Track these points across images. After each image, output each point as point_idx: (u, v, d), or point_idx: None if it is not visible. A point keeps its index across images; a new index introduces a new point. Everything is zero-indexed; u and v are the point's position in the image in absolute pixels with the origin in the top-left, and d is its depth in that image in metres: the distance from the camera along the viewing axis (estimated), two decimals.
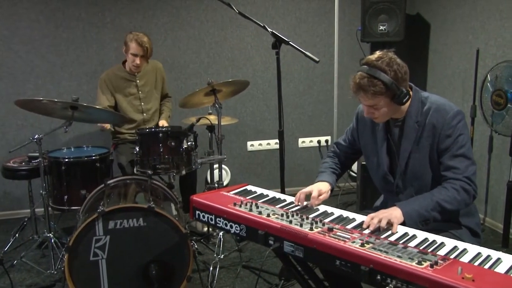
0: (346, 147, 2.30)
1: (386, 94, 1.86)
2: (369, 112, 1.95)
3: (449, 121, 1.89)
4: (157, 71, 3.67)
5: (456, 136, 1.89)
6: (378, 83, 1.83)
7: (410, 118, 1.97)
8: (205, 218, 2.04)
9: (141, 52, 3.38)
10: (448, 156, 1.91)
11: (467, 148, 1.91)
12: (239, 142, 4.58)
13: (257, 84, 4.48)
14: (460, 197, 1.87)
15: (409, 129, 1.98)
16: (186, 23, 4.25)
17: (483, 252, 1.55)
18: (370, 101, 1.89)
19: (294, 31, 4.48)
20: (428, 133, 1.93)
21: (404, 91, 1.87)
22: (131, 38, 3.36)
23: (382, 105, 1.89)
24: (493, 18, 3.58)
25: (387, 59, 1.86)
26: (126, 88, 3.51)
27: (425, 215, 1.83)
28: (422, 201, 1.87)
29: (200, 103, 3.43)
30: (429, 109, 1.94)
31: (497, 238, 3.43)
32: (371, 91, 1.84)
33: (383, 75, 1.83)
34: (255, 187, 2.29)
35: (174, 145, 2.90)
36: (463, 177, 1.88)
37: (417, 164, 1.98)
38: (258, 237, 1.78)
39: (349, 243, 1.57)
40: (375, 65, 1.85)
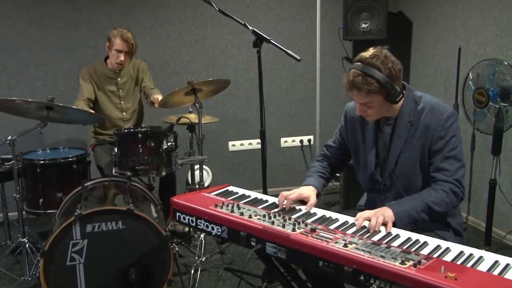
0: (336, 148, 2.29)
1: (380, 93, 1.85)
2: (362, 110, 1.94)
3: (443, 123, 1.90)
4: (139, 71, 3.65)
5: (449, 138, 1.91)
6: (372, 81, 1.82)
7: (403, 117, 1.97)
8: (186, 220, 2.03)
9: (126, 48, 3.35)
10: (439, 158, 1.92)
11: (458, 150, 1.93)
12: (221, 142, 4.57)
13: (239, 83, 4.47)
14: (448, 199, 1.89)
15: (401, 129, 1.98)
16: (165, 21, 4.23)
17: (465, 250, 1.58)
18: (363, 99, 1.88)
19: (275, 29, 4.48)
20: (421, 134, 1.94)
21: (398, 90, 1.87)
22: (115, 34, 3.33)
23: (375, 104, 1.89)
24: (474, 17, 3.64)
25: (382, 56, 1.85)
26: (106, 85, 3.48)
27: (415, 216, 1.85)
28: (411, 202, 1.88)
29: (180, 102, 3.40)
30: (423, 109, 1.95)
31: (480, 237, 3.49)
32: (365, 89, 1.83)
33: (378, 73, 1.82)
34: (236, 187, 2.29)
35: (154, 145, 2.89)
36: (452, 179, 1.90)
37: (407, 164, 1.99)
38: (240, 238, 1.78)
39: (332, 244, 1.58)
40: (370, 63, 1.84)
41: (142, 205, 2.69)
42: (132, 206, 2.44)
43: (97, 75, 3.46)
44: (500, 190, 3.39)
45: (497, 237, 3.48)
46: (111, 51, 3.39)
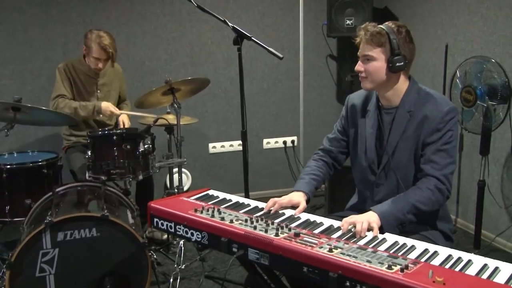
0: (337, 140, 2.29)
1: (385, 49, 1.97)
2: (361, 64, 2.03)
3: (442, 115, 1.96)
4: (117, 75, 3.63)
5: (445, 131, 1.96)
6: (383, 32, 1.96)
7: (403, 106, 2.03)
8: (164, 225, 2.03)
9: (104, 57, 3.31)
10: (431, 149, 1.97)
11: (452, 146, 1.97)
12: (200, 144, 4.56)
13: (219, 82, 4.47)
14: (434, 197, 1.92)
15: (400, 118, 2.04)
16: (141, 17, 4.20)
17: (454, 254, 1.60)
18: (368, 47, 1.99)
19: (257, 25, 4.49)
20: (419, 124, 2.00)
21: (401, 57, 1.96)
22: (93, 40, 3.25)
23: (375, 59, 1.98)
24: (462, 12, 3.71)
25: (400, 24, 2.02)
26: (85, 84, 3.44)
27: (402, 218, 1.88)
28: (397, 204, 1.91)
29: (158, 102, 3.39)
30: (424, 101, 2.01)
31: (469, 239, 3.54)
32: (373, 37, 1.96)
33: (391, 32, 1.97)
34: (217, 191, 2.29)
35: (130, 148, 2.87)
36: (440, 174, 1.94)
37: (403, 154, 2.04)
38: (221, 244, 1.78)
39: (317, 249, 1.58)
40: (387, 23, 2.01)
41: (117, 211, 2.67)
42: (107, 212, 2.41)
43: (76, 72, 3.41)
44: (489, 191, 3.45)
45: (486, 239, 3.54)
46: (88, 57, 3.34)
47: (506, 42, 3.31)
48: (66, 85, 3.37)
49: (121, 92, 3.71)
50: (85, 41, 3.32)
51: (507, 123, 3.15)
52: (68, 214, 2.40)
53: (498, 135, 3.38)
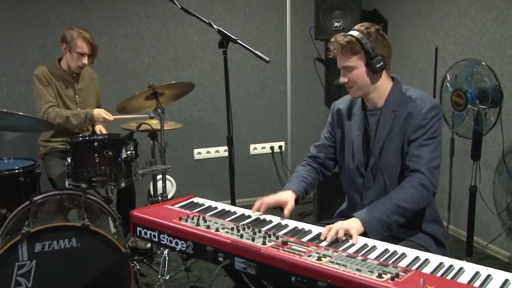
0: (324, 146, 2.32)
1: (360, 55, 2.00)
2: (343, 76, 2.07)
3: (426, 112, 2.00)
4: (93, 80, 3.63)
5: (428, 127, 2.00)
6: (354, 40, 1.99)
7: (388, 106, 2.08)
8: (147, 235, 2.01)
9: (89, 51, 3.31)
10: (415, 145, 2.00)
11: (436, 142, 2.01)
12: (185, 150, 4.55)
13: (204, 86, 4.47)
14: (418, 194, 1.94)
15: (385, 118, 2.08)
16: (123, 18, 4.19)
17: (445, 262, 1.61)
18: (345, 59, 2.03)
19: (243, 28, 4.50)
20: (403, 122, 2.04)
21: (379, 57, 1.99)
22: (75, 35, 3.26)
23: (355, 68, 2.02)
24: (451, 15, 3.75)
25: (368, 25, 2.05)
26: (63, 89, 3.41)
27: (386, 220, 1.89)
28: (380, 206, 1.92)
29: (141, 107, 3.38)
30: (408, 99, 2.06)
31: (461, 247, 3.57)
32: (348, 48, 2.00)
33: (362, 36, 1.99)
34: (202, 199, 2.28)
35: (112, 154, 2.85)
36: (424, 168, 1.96)
37: (389, 154, 2.07)
38: (207, 254, 1.77)
39: (305, 257, 1.58)
40: (355, 28, 2.05)
41: (98, 220, 2.65)
42: (88, 221, 2.39)
43: (53, 77, 3.38)
44: (481, 197, 3.48)
45: (478, 246, 3.57)
46: (71, 53, 3.31)
47: (496, 45, 3.36)
48: (49, 92, 3.35)
49: (97, 98, 3.69)
50: (64, 39, 3.31)
51: (498, 127, 3.19)
52: (46, 224, 2.38)
53: (490, 139, 3.42)
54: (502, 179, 3.41)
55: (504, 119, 3.22)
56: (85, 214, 2.50)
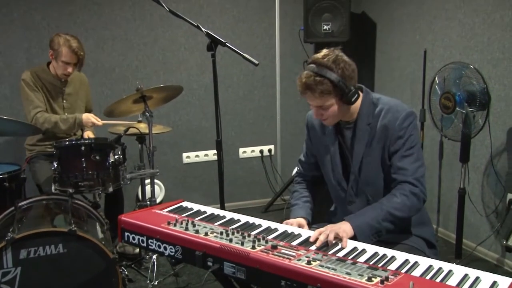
0: (307, 163, 2.36)
1: (334, 93, 1.95)
2: (318, 113, 2.03)
3: (401, 122, 2.00)
4: (83, 84, 3.60)
5: (407, 137, 2.00)
6: (325, 81, 1.92)
7: (362, 120, 2.06)
8: (135, 240, 2.01)
9: (74, 60, 3.28)
10: (397, 157, 2.01)
11: (417, 149, 2.02)
12: (174, 153, 4.54)
13: (192, 89, 4.46)
14: (410, 202, 1.96)
15: (361, 132, 2.07)
16: (110, 21, 4.18)
17: (434, 264, 1.62)
18: (317, 101, 1.97)
19: (231, 31, 4.51)
20: (380, 135, 2.03)
21: (353, 90, 1.96)
22: (61, 43, 3.22)
23: (330, 105, 1.98)
24: (439, 18, 3.79)
25: (333, 56, 1.95)
26: (51, 94, 3.39)
27: (377, 226, 1.90)
28: (371, 212, 1.94)
29: (129, 111, 3.37)
30: (381, 111, 2.04)
31: (450, 249, 3.59)
32: (319, 90, 1.93)
33: (330, 73, 1.92)
34: (191, 203, 2.29)
35: (99, 159, 2.84)
36: (412, 178, 1.98)
37: (370, 168, 2.07)
38: (196, 258, 1.77)
39: (295, 261, 1.59)
40: (321, 63, 1.94)
41: (86, 225, 2.63)
42: (75, 227, 2.38)
43: (42, 81, 3.36)
44: (470, 199, 3.52)
45: (467, 249, 3.60)
46: (56, 61, 3.29)
47: (483, 48, 3.40)
48: (38, 97, 3.33)
49: (87, 102, 3.67)
50: (51, 45, 3.28)
51: (486, 129, 3.22)
52: (32, 230, 2.35)
53: (478, 142, 3.46)
54: (491, 181, 3.45)
55: (492, 121, 3.26)
56: (72, 219, 2.48)
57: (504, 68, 3.26)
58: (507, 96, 3.26)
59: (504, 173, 3.33)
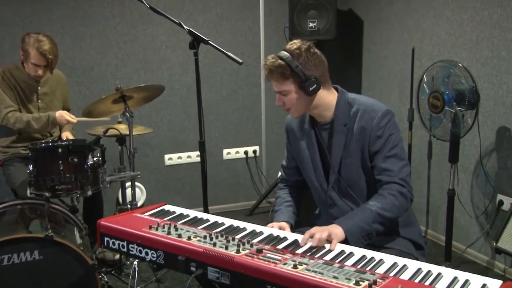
0: (289, 168, 2.38)
1: (292, 79, 2.00)
2: (279, 100, 2.08)
3: (378, 121, 2.02)
4: (60, 82, 3.56)
5: (387, 136, 2.02)
6: (284, 65, 1.99)
7: (338, 121, 2.09)
8: (115, 245, 2.00)
9: (43, 63, 3.23)
10: (380, 158, 2.03)
11: (399, 148, 2.04)
12: (155, 155, 4.52)
13: (174, 89, 4.45)
14: (398, 202, 1.98)
15: (337, 134, 2.09)
16: (88, 18, 4.14)
17: (423, 267, 1.64)
18: (276, 84, 2.04)
19: (215, 29, 4.51)
20: (358, 136, 2.05)
21: (312, 78, 1.99)
22: (31, 44, 3.17)
23: (289, 91, 2.03)
24: (428, 16, 3.83)
25: (298, 44, 2.03)
26: (25, 93, 3.35)
27: (367, 229, 1.92)
28: (361, 214, 1.95)
29: (108, 111, 3.34)
30: (357, 111, 2.06)
31: (440, 251, 3.63)
32: (276, 72, 2.00)
33: (290, 59, 1.98)
34: (174, 206, 2.28)
35: (77, 161, 2.81)
36: (398, 179, 2.00)
37: (350, 171, 2.09)
38: (178, 263, 1.76)
39: (280, 265, 1.59)
40: (285, 49, 2.03)
41: (63, 231, 2.61)
42: (51, 232, 2.36)
43: (15, 79, 3.32)
44: (459, 200, 3.55)
45: (457, 251, 3.64)
46: (27, 63, 3.25)
47: (472, 46, 3.44)
48: (10, 95, 3.28)
49: (65, 101, 3.64)
50: (22, 45, 3.24)
51: (475, 129, 3.26)
52: (5, 236, 2.32)
53: (467, 142, 3.50)
54: (480, 182, 3.49)
55: (481, 121, 3.30)
56: (48, 224, 2.46)
57: (493, 66, 3.30)
58: (496, 95, 3.30)
59: (494, 173, 3.38)
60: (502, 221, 3.14)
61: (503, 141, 3.30)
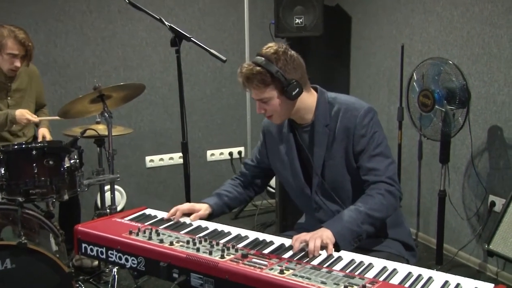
0: (253, 166, 2.41)
1: (273, 85, 2.00)
2: (261, 108, 2.08)
3: (360, 120, 2.03)
4: (33, 77, 3.53)
5: (371, 134, 2.04)
6: (263, 71, 1.97)
7: (319, 122, 2.10)
8: (93, 252, 1.99)
9: (22, 52, 3.21)
10: (366, 158, 2.04)
11: (384, 146, 2.06)
12: (136, 157, 4.50)
13: (155, 88, 4.44)
14: (387, 201, 1.99)
15: (319, 135, 2.10)
16: (63, 13, 4.11)
17: (414, 271, 1.65)
18: (256, 92, 2.03)
19: (197, 25, 4.50)
20: (342, 137, 2.07)
21: (294, 82, 1.99)
22: (6, 35, 3.15)
23: (270, 98, 2.02)
24: (417, 11, 3.87)
25: (275, 47, 2.02)
26: None
27: (357, 230, 1.92)
28: (349, 216, 1.95)
29: (86, 111, 3.32)
30: (338, 110, 2.08)
31: (431, 255, 3.66)
32: (256, 80, 1.99)
33: (269, 64, 1.97)
34: (155, 210, 2.28)
35: (53, 164, 2.78)
36: (385, 177, 2.01)
37: (334, 172, 2.10)
38: (160, 270, 1.76)
39: (267, 271, 1.59)
40: (262, 54, 2.02)
41: (38, 237, 2.59)
42: (25, 239, 2.34)
43: None
44: (450, 202, 3.59)
45: (449, 254, 3.68)
46: (1, 55, 3.22)
47: (463, 43, 3.48)
48: None
49: (39, 97, 3.60)
50: None
51: (467, 128, 3.29)
52: None
53: (458, 141, 3.54)
54: (471, 182, 3.53)
55: (472, 120, 3.34)
56: (21, 231, 2.43)
57: (484, 64, 3.34)
58: (488, 93, 3.34)
59: (485, 174, 3.42)
60: (494, 222, 3.17)
61: (495, 141, 3.34)
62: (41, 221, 2.81)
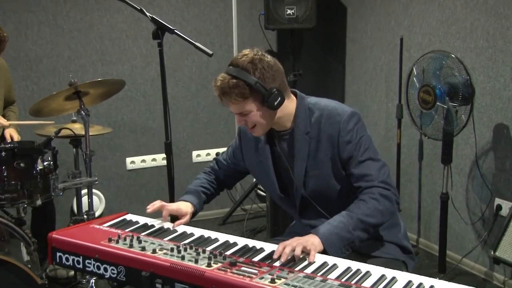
0: (226, 166, 2.43)
1: (252, 97, 1.98)
2: (241, 121, 2.07)
3: (344, 126, 2.04)
4: (0, 70, 3.50)
5: (357, 140, 2.05)
6: (240, 83, 1.96)
7: (299, 129, 2.10)
8: (69, 261, 1.98)
9: None
10: (355, 164, 2.05)
11: (372, 150, 2.07)
12: (115, 158, 4.49)
13: (136, 84, 4.43)
14: (381, 206, 1.99)
15: (299, 143, 2.10)
16: (34, 3, 4.09)
17: (414, 280, 1.65)
18: (235, 106, 2.02)
19: (181, 16, 4.50)
20: (326, 145, 2.07)
21: (275, 91, 1.98)
22: None
23: (250, 111, 2.01)
24: (417, 1, 3.88)
25: (251, 55, 2.00)
26: None
27: (348, 237, 1.93)
28: (340, 222, 1.96)
29: (61, 109, 3.31)
30: (320, 117, 2.08)
31: (433, 262, 3.68)
32: (234, 93, 1.97)
33: (245, 74, 1.96)
34: (137, 216, 2.28)
35: (24, 166, 2.78)
36: (378, 182, 2.02)
37: (319, 183, 2.11)
38: (142, 280, 1.75)
39: (257, 280, 1.59)
40: (238, 64, 2.00)
41: (7, 247, 2.58)
42: None
43: None
44: (453, 205, 3.61)
45: (452, 261, 3.69)
46: None
47: (466, 34, 3.50)
48: None
49: (7, 93, 3.57)
50: None
51: (470, 127, 3.31)
52: None
53: (461, 140, 3.56)
54: (476, 185, 3.54)
55: (476, 117, 3.35)
56: None
57: (489, 57, 3.36)
58: (493, 89, 3.36)
59: (491, 175, 3.43)
60: (500, 227, 3.19)
61: (501, 140, 3.36)
62: (11, 229, 2.79)
